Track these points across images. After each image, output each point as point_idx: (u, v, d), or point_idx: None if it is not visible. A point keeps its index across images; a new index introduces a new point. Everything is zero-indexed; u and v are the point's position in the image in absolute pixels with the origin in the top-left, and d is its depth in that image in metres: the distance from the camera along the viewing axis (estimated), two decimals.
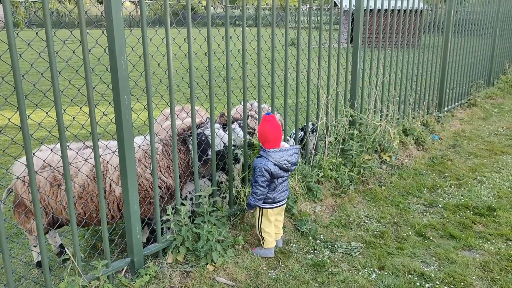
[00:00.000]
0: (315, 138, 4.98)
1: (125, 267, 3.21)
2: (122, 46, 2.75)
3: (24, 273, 3.46)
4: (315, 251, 3.71)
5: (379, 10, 5.77)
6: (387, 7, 5.90)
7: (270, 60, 4.17)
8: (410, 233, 4.02)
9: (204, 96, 3.84)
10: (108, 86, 2.83)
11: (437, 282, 3.26)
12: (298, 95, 4.63)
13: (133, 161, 2.99)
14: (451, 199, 4.77)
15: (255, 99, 4.25)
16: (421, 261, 3.56)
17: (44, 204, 3.25)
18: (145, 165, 3.40)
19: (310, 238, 3.89)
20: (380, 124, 5.45)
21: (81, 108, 2.91)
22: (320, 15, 4.77)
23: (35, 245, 3.50)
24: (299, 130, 4.91)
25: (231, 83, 3.75)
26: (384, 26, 5.99)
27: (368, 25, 5.59)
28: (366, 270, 3.43)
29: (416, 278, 3.32)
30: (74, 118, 3.09)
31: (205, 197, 3.52)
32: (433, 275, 3.34)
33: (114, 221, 3.43)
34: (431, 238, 3.92)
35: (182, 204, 3.44)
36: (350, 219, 4.29)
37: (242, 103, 3.91)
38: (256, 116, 4.31)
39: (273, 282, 3.25)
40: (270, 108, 4.33)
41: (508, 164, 5.85)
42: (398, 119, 6.36)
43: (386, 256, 3.62)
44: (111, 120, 2.99)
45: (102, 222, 2.96)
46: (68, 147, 3.12)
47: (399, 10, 6.18)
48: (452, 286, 3.23)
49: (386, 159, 5.65)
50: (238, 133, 3.99)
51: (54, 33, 2.52)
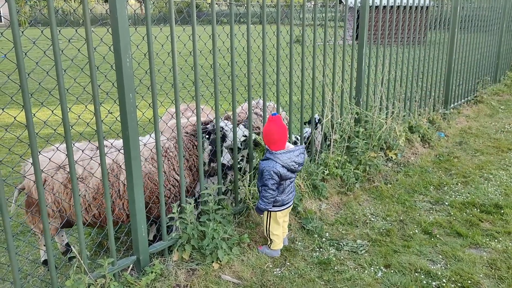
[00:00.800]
0: (320, 135, 4.96)
1: (131, 265, 3.22)
2: (127, 44, 2.74)
3: (31, 271, 3.48)
4: (321, 249, 3.70)
5: (385, 7, 5.73)
6: (393, 4, 5.86)
7: (275, 58, 4.15)
8: (417, 231, 3.99)
9: (209, 94, 3.83)
10: (113, 84, 2.83)
11: (444, 280, 3.24)
12: (304, 93, 4.61)
13: (139, 159, 2.99)
14: (458, 197, 4.74)
15: (260, 97, 4.24)
16: (428, 259, 3.54)
17: (59, 206, 3.24)
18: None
19: (316, 236, 3.88)
20: (386, 122, 5.42)
21: (86, 106, 2.91)
22: (325, 12, 4.75)
23: (45, 244, 3.50)
24: (306, 124, 4.90)
25: (236, 81, 3.74)
26: (390, 23, 5.95)
27: (374, 22, 5.55)
28: (372, 268, 3.42)
29: (423, 276, 3.30)
30: (80, 116, 3.10)
31: (210, 195, 3.52)
32: (440, 273, 3.32)
33: (129, 221, 3.43)
34: (438, 236, 3.89)
35: (188, 203, 3.44)
36: (356, 217, 4.27)
37: (247, 101, 3.90)
38: (261, 114, 4.29)
39: (279, 280, 3.25)
40: (276, 107, 4.32)
41: None
42: (404, 116, 6.33)
43: (392, 254, 3.60)
44: (116, 118, 2.99)
45: (108, 220, 2.97)
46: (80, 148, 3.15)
47: (405, 7, 6.14)
48: (459, 284, 3.20)
49: (392, 157, 5.62)
50: (244, 132, 3.98)
51: (59, 32, 2.52)
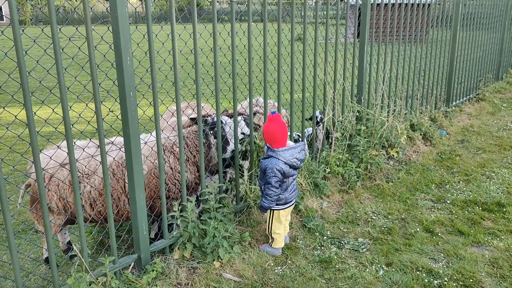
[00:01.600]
0: (322, 133, 4.95)
1: (132, 263, 3.22)
2: (128, 42, 2.74)
3: (32, 269, 3.48)
4: (322, 248, 3.69)
5: (386, 4, 5.70)
6: (394, 1, 5.84)
7: (276, 56, 4.14)
8: (418, 229, 3.99)
9: (210, 92, 3.83)
10: (114, 83, 2.83)
11: (446, 279, 3.23)
12: (305, 91, 4.59)
13: (139, 157, 2.99)
14: (460, 195, 4.73)
15: (261, 95, 4.23)
16: (429, 258, 3.53)
17: (64, 203, 3.24)
18: (164, 160, 3.40)
19: (317, 234, 3.87)
20: (387, 120, 5.40)
21: (87, 105, 2.91)
22: (327, 10, 4.73)
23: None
24: (308, 121, 4.89)
25: (237, 79, 3.73)
26: (391, 20, 5.92)
27: (375, 20, 5.53)
28: (374, 267, 3.41)
29: (424, 275, 3.29)
30: (80, 115, 3.10)
31: (211, 193, 3.52)
32: (442, 272, 3.32)
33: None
34: (439, 234, 3.88)
35: (189, 201, 3.44)
36: (357, 215, 4.27)
37: (248, 99, 3.89)
38: (262, 112, 4.29)
39: (280, 279, 3.24)
40: (276, 105, 4.31)
41: None
42: (406, 114, 6.30)
43: (394, 253, 3.59)
44: (117, 117, 2.99)
45: (109, 218, 2.97)
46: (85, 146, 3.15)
47: (407, 4, 6.11)
48: (461, 283, 3.20)
49: (394, 155, 5.61)
50: (243, 128, 3.98)
51: (60, 30, 2.52)
